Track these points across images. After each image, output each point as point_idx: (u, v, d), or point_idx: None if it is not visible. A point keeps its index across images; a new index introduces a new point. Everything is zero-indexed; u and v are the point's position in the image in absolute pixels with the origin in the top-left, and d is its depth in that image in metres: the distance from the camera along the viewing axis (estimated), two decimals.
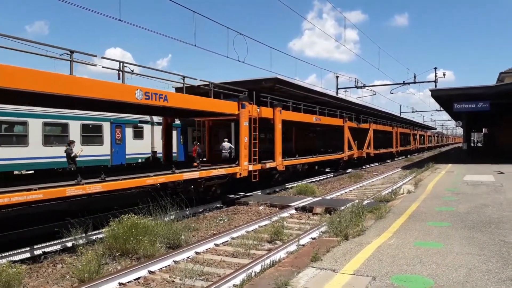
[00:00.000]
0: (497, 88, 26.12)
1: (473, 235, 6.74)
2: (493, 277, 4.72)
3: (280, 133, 16.04)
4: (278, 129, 16.02)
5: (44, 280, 6.68)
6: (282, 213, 11.56)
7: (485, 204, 9.75)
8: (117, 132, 18.49)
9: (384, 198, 11.99)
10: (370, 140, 29.93)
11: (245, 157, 13.84)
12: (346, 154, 24.92)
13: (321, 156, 22.21)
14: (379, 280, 4.68)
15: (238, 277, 6.03)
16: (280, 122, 16.02)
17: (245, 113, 13.87)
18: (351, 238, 6.71)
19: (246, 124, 13.92)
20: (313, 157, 20.97)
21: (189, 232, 9.20)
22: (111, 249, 7.56)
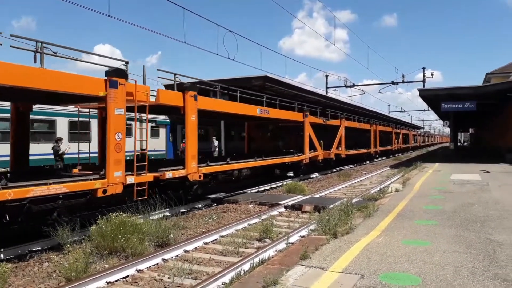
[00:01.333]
0: (484, 88, 26.55)
1: (460, 233, 6.82)
2: (479, 274, 4.79)
3: (193, 128, 11.84)
4: (190, 122, 11.64)
5: (30, 279, 6.58)
6: (272, 211, 11.58)
7: (472, 203, 9.89)
8: None
9: (373, 196, 12.08)
10: (341, 139, 26.14)
11: (117, 164, 9.10)
12: (307, 156, 20.63)
13: (268, 160, 16.91)
14: (368, 278, 4.71)
15: (227, 276, 6.02)
16: (194, 112, 11.69)
17: (118, 95, 9.08)
18: (340, 236, 6.74)
19: (119, 113, 9.13)
20: (255, 161, 15.94)
21: (178, 231, 9.15)
22: (99, 247, 7.48)
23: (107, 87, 8.91)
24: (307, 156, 20.69)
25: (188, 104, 11.42)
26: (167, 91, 11.39)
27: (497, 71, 45.70)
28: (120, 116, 9.24)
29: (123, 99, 9.26)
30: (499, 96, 24.98)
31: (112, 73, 9.05)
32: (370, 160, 37.30)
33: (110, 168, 8.97)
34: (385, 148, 43.55)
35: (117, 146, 9.13)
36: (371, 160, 37.57)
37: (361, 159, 34.55)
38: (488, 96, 25.80)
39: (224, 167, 13.87)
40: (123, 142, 9.28)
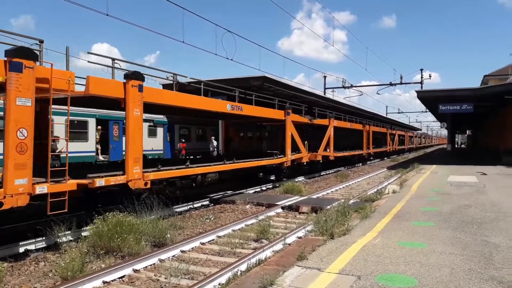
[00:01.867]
0: (481, 90, 26.63)
1: (456, 235, 6.83)
2: (475, 276, 4.80)
3: (137, 124, 9.72)
4: (132, 118, 9.56)
5: (26, 278, 6.56)
6: (269, 212, 11.58)
7: (468, 204, 9.91)
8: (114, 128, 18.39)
9: (370, 197, 12.10)
10: (329, 139, 24.20)
11: (20, 168, 7.11)
12: (289, 158, 18.40)
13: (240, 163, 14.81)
14: (364, 279, 4.72)
15: (224, 276, 6.02)
16: (138, 105, 9.62)
17: (22, 81, 7.17)
18: (337, 237, 6.75)
19: (24, 104, 7.21)
20: (224, 164, 13.86)
21: (175, 231, 9.14)
22: (96, 247, 7.46)
23: (6, 70, 7.01)
24: (289, 159, 18.42)
25: (130, 96, 9.42)
26: (101, 79, 9.06)
27: (494, 73, 45.88)
28: (26, 108, 7.21)
29: (30, 87, 7.28)
30: (497, 98, 25.06)
31: (13, 52, 7.10)
32: (363, 162, 35.60)
33: (9, 174, 6.92)
34: (379, 150, 41.64)
35: (20, 146, 7.12)
36: (364, 163, 35.78)
37: (353, 162, 32.86)
38: (486, 98, 25.87)
39: (181, 172, 11.70)
40: (29, 141, 7.27)
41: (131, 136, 9.63)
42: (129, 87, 9.44)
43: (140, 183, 9.70)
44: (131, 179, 9.46)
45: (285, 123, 18.62)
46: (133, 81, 9.52)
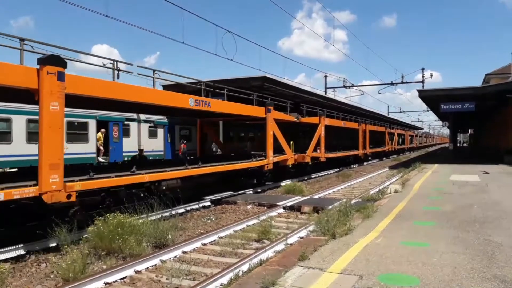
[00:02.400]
0: (483, 89, 26.54)
1: (458, 234, 6.81)
2: (478, 275, 4.78)
3: (56, 122, 7.84)
4: (48, 113, 7.65)
5: (28, 279, 6.56)
6: (270, 212, 11.56)
7: (471, 204, 9.87)
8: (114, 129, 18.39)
9: (372, 197, 12.08)
10: (319, 139, 22.28)
11: None
12: (270, 161, 16.52)
13: (206, 167, 12.92)
14: (366, 279, 4.70)
15: (225, 277, 6.00)
16: (57, 97, 7.74)
17: None
18: (339, 237, 6.73)
19: None
20: (185, 169, 11.99)
21: (176, 232, 9.12)
22: (97, 248, 7.45)
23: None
24: (271, 161, 16.35)
25: (45, 86, 7.50)
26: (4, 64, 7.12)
27: (496, 72, 45.77)
28: None
29: None
30: (498, 97, 24.99)
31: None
32: (359, 163, 33.12)
33: None
34: (377, 150, 39.53)
35: None
36: (360, 163, 33.22)
37: (347, 163, 30.53)
38: (488, 97, 25.81)
39: (123, 180, 9.60)
40: None
41: (46, 136, 7.65)
42: (44, 75, 7.49)
43: (60, 195, 7.72)
44: (47, 190, 7.50)
45: (265, 121, 16.53)
46: (50, 67, 7.55)
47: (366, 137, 33.36)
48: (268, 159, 16.48)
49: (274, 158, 17.05)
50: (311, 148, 21.28)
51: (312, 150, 21.27)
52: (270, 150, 16.64)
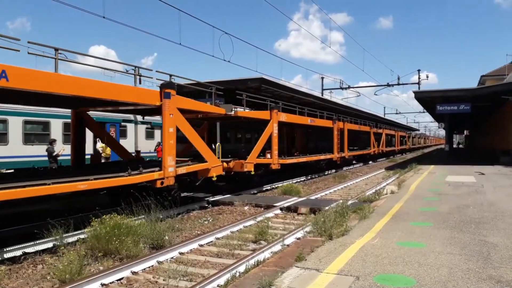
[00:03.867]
0: (479, 90, 26.73)
1: (454, 235, 6.85)
2: (474, 276, 4.81)
3: None
4: None
5: (24, 281, 6.54)
6: (267, 213, 11.56)
7: (467, 204, 9.93)
8: (111, 130, 18.38)
9: (368, 198, 12.11)
10: (271, 140, 17.18)
11: None
12: (169, 173, 10.81)
13: None
14: (363, 279, 4.72)
15: (222, 278, 6.00)
16: None
17: None
18: (335, 238, 6.75)
19: None
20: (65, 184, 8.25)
21: (173, 233, 9.13)
22: (93, 249, 7.43)
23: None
24: (170, 174, 10.81)
25: None
26: None
27: (492, 73, 46.10)
28: None
29: None
30: (494, 98, 25.15)
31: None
32: (337, 168, 28.17)
33: None
34: (358, 153, 34.27)
35: None
36: (338, 169, 28.32)
37: (318, 169, 25.42)
38: (483, 98, 25.97)
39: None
40: None
41: None
42: None
43: None
44: None
45: (162, 112, 10.92)
46: None
47: (344, 137, 27.98)
48: (165, 171, 10.69)
49: (180, 169, 11.47)
50: (255, 153, 15.92)
51: (256, 155, 15.97)
52: (168, 156, 10.89)
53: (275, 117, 17.32)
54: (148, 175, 10.26)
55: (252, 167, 15.55)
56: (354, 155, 33.17)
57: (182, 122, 11.80)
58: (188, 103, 12.07)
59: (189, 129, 12.30)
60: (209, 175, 12.90)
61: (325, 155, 25.07)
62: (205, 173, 12.92)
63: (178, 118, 11.43)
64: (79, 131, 12.96)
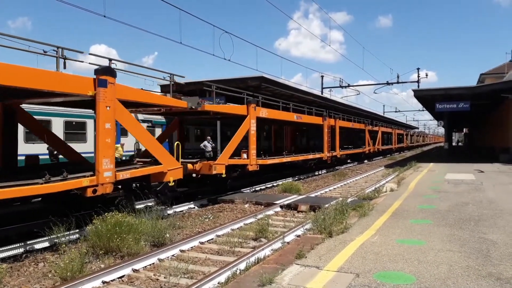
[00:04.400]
0: (478, 89, 26.71)
1: (454, 232, 6.88)
2: (473, 273, 4.83)
3: None
4: None
5: (26, 279, 6.57)
6: (267, 211, 11.61)
7: (466, 202, 9.96)
8: None
9: (368, 196, 12.15)
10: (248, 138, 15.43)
11: None
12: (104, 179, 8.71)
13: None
14: (363, 276, 4.75)
15: (223, 275, 6.04)
16: None
17: None
18: (335, 236, 6.78)
19: None
20: None
21: (174, 230, 9.16)
22: (95, 247, 7.47)
23: None
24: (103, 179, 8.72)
25: None
26: None
27: (491, 71, 46.10)
28: None
29: None
30: (493, 96, 25.18)
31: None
32: (328, 168, 26.47)
33: None
34: (351, 151, 32.34)
35: None
36: (330, 169, 26.58)
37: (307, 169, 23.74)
38: (482, 96, 26.00)
39: None
40: None
41: None
42: None
43: None
44: None
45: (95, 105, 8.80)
46: None
47: (336, 135, 26.42)
48: (99, 176, 8.64)
49: (123, 173, 9.42)
50: (227, 153, 14.09)
51: (228, 155, 14.12)
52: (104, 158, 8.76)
53: (252, 113, 15.35)
54: (73, 182, 8.23)
55: (223, 169, 13.50)
56: (347, 154, 31.44)
57: (125, 116, 9.75)
58: (134, 93, 10.04)
59: (134, 125, 10.40)
60: (165, 179, 10.93)
61: (314, 154, 23.23)
62: (159, 177, 10.91)
63: (119, 111, 9.32)
64: (7, 128, 10.83)
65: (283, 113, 19.01)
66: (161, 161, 10.86)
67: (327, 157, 24.33)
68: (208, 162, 13.23)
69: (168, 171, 10.91)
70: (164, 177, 10.90)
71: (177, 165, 11.40)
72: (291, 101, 19.84)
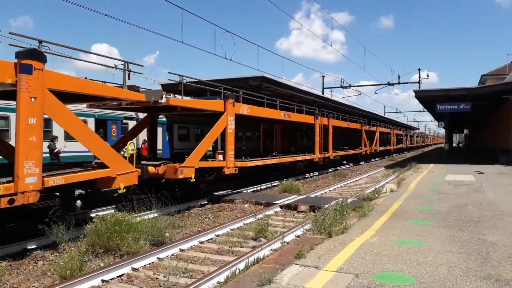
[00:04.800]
0: (479, 90, 26.72)
1: (453, 233, 6.87)
2: (473, 274, 4.83)
3: None
4: None
5: (25, 277, 6.57)
6: (267, 211, 11.61)
7: (466, 203, 9.96)
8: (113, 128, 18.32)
9: (368, 196, 12.14)
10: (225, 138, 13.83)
11: None
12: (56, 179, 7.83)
13: None
14: (362, 277, 4.75)
15: (222, 274, 6.04)
16: None
17: None
18: (335, 236, 6.78)
19: None
20: None
21: (173, 230, 9.16)
22: (94, 246, 7.47)
23: None
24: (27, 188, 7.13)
25: None
26: None
27: (492, 72, 46.11)
28: None
29: None
30: (494, 98, 25.17)
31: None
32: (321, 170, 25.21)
33: None
34: (347, 153, 30.58)
35: None
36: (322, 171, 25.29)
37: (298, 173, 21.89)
38: (483, 98, 25.99)
39: None
40: None
41: None
42: None
43: None
44: None
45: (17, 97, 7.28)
46: None
47: (329, 135, 24.91)
48: (19, 183, 7.13)
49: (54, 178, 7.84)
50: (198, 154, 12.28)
51: (200, 156, 12.40)
52: (27, 160, 7.22)
53: (230, 109, 13.70)
54: None
55: (191, 173, 11.80)
56: (342, 155, 29.70)
57: (57, 110, 8.11)
58: (71, 82, 8.43)
59: (72, 121, 8.60)
60: (114, 185, 9.36)
61: (304, 155, 21.27)
62: (106, 183, 9.36)
63: (49, 103, 7.77)
64: None
65: (268, 111, 17.28)
66: (109, 164, 9.19)
67: (319, 159, 22.67)
68: (173, 165, 11.37)
69: (118, 176, 9.31)
70: (113, 183, 9.34)
71: (130, 169, 9.78)
72: (292, 101, 19.82)
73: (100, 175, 9.10)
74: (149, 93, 10.98)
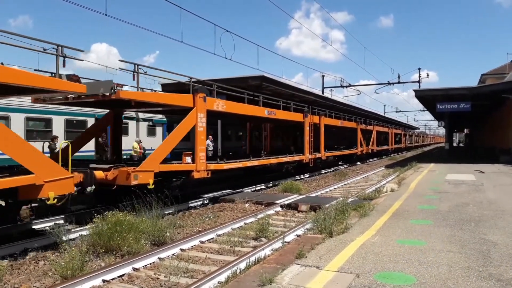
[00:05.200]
0: (479, 89, 26.72)
1: (454, 233, 6.87)
2: (474, 274, 4.83)
3: None
4: None
5: (26, 277, 6.57)
6: (268, 211, 11.61)
7: (466, 203, 9.96)
8: None
9: (368, 196, 12.15)
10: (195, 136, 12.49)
11: None
12: None
13: None
14: (363, 277, 4.75)
15: (223, 274, 6.04)
16: None
17: None
18: (336, 236, 6.78)
19: None
20: None
21: (174, 229, 9.16)
22: (95, 246, 7.47)
23: None
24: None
25: None
26: None
27: (492, 72, 46.09)
28: None
29: None
30: (494, 97, 25.17)
31: None
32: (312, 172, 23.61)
33: None
34: (341, 153, 29.21)
35: None
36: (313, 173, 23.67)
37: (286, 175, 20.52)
38: (483, 97, 25.98)
39: None
40: None
41: None
42: None
43: None
44: None
45: None
46: None
47: (321, 134, 23.33)
48: None
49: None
50: (158, 157, 10.86)
51: (160, 159, 10.91)
52: None
53: (201, 105, 12.19)
54: None
55: (149, 178, 10.20)
56: (335, 156, 28.03)
57: None
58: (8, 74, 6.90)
59: None
60: (40, 194, 7.63)
61: (292, 156, 19.53)
62: (30, 192, 7.57)
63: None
64: None
65: (248, 107, 15.53)
66: (32, 169, 7.47)
67: (309, 160, 21.05)
68: (126, 169, 9.77)
69: (46, 184, 7.60)
70: (40, 192, 7.58)
71: (63, 174, 8.02)
72: (292, 101, 19.81)
73: (20, 183, 7.33)
74: (96, 85, 9.62)
